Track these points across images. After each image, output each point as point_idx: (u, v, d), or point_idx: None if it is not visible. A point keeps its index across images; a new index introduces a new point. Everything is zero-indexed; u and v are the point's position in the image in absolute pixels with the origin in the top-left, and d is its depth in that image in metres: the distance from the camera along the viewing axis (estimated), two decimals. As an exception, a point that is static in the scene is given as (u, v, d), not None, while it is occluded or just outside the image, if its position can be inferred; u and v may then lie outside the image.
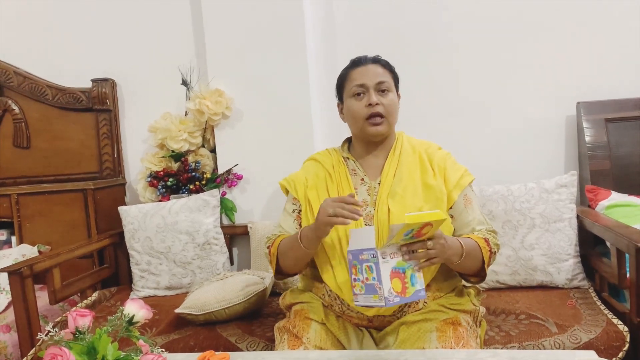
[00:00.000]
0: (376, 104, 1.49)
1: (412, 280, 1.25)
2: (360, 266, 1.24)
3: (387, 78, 1.52)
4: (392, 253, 1.23)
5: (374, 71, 1.52)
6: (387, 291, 1.20)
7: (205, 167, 2.52)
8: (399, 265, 1.23)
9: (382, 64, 1.55)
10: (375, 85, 1.50)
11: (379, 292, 1.20)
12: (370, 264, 1.21)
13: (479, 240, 1.43)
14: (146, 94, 2.63)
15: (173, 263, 2.29)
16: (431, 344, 1.34)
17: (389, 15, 2.49)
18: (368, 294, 1.23)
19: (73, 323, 1.03)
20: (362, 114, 1.51)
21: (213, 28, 2.41)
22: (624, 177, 2.23)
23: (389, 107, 1.51)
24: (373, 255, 1.20)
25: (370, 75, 1.51)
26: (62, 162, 2.66)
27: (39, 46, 2.74)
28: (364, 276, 1.24)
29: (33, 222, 2.51)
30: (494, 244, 1.46)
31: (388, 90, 1.52)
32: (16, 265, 1.96)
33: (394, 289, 1.21)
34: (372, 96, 1.49)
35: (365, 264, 1.23)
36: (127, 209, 2.36)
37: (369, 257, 1.22)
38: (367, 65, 1.53)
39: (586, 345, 1.57)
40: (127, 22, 2.66)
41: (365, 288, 1.24)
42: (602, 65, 2.34)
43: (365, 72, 1.52)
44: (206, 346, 1.76)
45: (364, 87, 1.51)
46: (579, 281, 1.99)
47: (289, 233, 1.58)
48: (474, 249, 1.40)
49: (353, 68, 1.55)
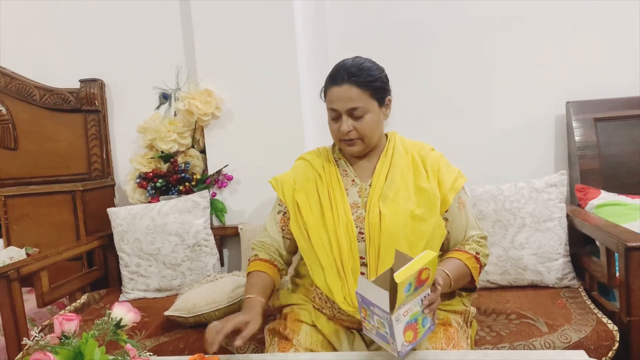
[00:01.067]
0: (347, 131, 1.46)
1: (422, 323, 1.23)
2: (370, 313, 1.19)
3: (361, 102, 1.43)
4: (406, 311, 1.18)
5: (348, 95, 1.43)
6: (400, 345, 1.17)
7: (195, 168, 2.51)
8: (411, 318, 1.20)
9: (358, 83, 1.43)
10: (347, 111, 1.45)
11: (392, 345, 1.18)
12: (383, 321, 1.17)
13: (468, 260, 1.43)
14: (135, 95, 2.61)
15: (163, 265, 2.27)
16: (422, 345, 1.34)
17: (380, 14, 2.49)
18: (380, 339, 1.21)
19: (59, 327, 1.02)
20: (336, 136, 1.51)
21: (202, 28, 2.39)
22: (613, 176, 2.25)
23: (363, 131, 1.46)
24: (387, 318, 1.15)
25: (342, 100, 1.44)
26: (50, 163, 2.64)
27: (26, 46, 2.71)
28: (374, 324, 1.20)
29: (21, 224, 2.49)
30: (484, 256, 1.47)
31: (363, 114, 1.45)
32: (3, 268, 1.93)
33: (406, 340, 1.19)
34: (343, 124, 1.45)
35: (376, 317, 1.18)
36: (116, 211, 2.34)
37: (381, 315, 1.16)
38: (341, 86, 1.43)
39: (576, 344, 1.57)
40: (116, 22, 2.64)
41: (377, 334, 1.21)
42: (592, 65, 2.36)
43: (338, 95, 1.44)
44: (196, 349, 1.74)
45: (336, 112, 1.47)
46: (569, 280, 2.00)
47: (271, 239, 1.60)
48: (462, 273, 1.41)
49: (330, 85, 1.47)
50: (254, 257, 1.59)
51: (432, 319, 1.26)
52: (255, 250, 1.61)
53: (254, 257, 1.59)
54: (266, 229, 1.63)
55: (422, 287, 1.21)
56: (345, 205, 1.47)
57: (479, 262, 1.44)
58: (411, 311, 1.19)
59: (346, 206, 1.47)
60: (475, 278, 1.44)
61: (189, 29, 2.48)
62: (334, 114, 1.48)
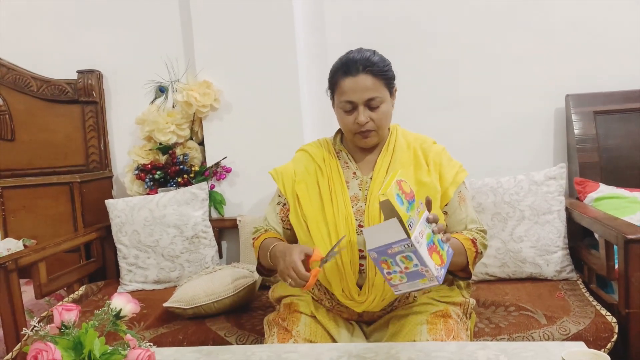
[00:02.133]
0: (365, 122, 1.44)
1: (440, 245, 1.22)
2: (393, 259, 1.15)
3: (377, 92, 1.43)
4: (420, 232, 1.16)
5: (364, 85, 1.42)
6: (434, 270, 1.15)
7: (194, 159, 2.50)
8: (428, 240, 1.18)
9: (373, 72, 1.42)
10: (365, 102, 1.43)
11: (427, 275, 1.15)
12: (407, 254, 1.13)
13: (465, 240, 1.41)
14: (133, 86, 2.58)
15: (161, 257, 2.27)
16: (422, 336, 1.34)
17: (379, 8, 2.47)
18: (412, 280, 1.17)
19: (59, 317, 1.01)
20: (351, 129, 1.47)
21: (201, 19, 2.37)
22: (612, 169, 2.25)
23: (379, 121, 1.45)
24: (408, 245, 1.12)
25: (359, 91, 1.42)
26: (48, 154, 2.63)
27: (23, 37, 2.69)
28: (401, 267, 1.16)
29: (18, 215, 2.48)
30: (481, 244, 1.45)
31: (379, 105, 1.44)
32: (1, 259, 1.92)
33: (437, 264, 1.17)
34: (360, 115, 1.43)
35: (399, 255, 1.14)
36: (114, 202, 2.34)
37: (402, 249, 1.13)
38: (357, 77, 1.42)
39: (575, 336, 1.58)
40: (114, 13, 2.62)
41: (407, 276, 1.17)
42: (591, 58, 2.35)
43: (354, 86, 1.42)
44: (195, 340, 1.75)
45: (352, 103, 1.44)
46: (568, 273, 2.00)
47: (272, 227, 1.59)
48: (458, 248, 1.39)
49: (343, 77, 1.44)
50: (263, 232, 1.58)
51: (448, 239, 1.24)
52: (259, 230, 1.60)
53: (264, 231, 1.58)
54: (266, 218, 1.63)
55: (416, 203, 1.20)
56: (346, 198, 1.47)
57: (476, 247, 1.42)
58: (424, 233, 1.17)
59: (346, 199, 1.47)
60: (470, 262, 1.41)
61: (188, 20, 2.46)
62: (349, 106, 1.45)
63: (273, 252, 1.42)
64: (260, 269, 1.59)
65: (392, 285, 1.20)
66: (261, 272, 1.60)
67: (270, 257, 1.43)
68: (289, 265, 1.27)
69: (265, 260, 1.48)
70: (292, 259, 1.27)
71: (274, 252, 1.41)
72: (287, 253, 1.30)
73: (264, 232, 1.57)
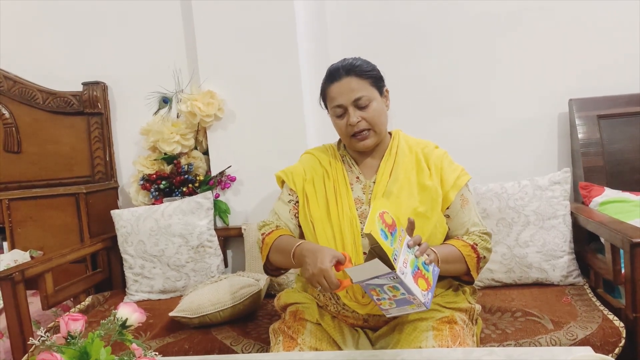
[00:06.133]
0: (357, 122, 1.46)
1: (425, 268, 1.24)
2: (381, 288, 1.20)
3: (364, 91, 1.46)
4: (404, 262, 1.19)
5: (349, 87, 1.46)
6: (421, 296, 1.18)
7: (198, 169, 2.51)
8: (412, 267, 1.20)
9: (356, 74, 1.47)
10: (352, 102, 1.46)
11: (415, 302, 1.18)
12: (394, 285, 1.17)
13: (463, 247, 1.41)
14: (137, 97, 2.60)
15: (167, 266, 2.27)
16: (427, 343, 1.33)
17: (381, 14, 2.48)
18: (401, 306, 1.21)
19: (65, 327, 1.01)
20: (346, 133, 1.50)
21: (204, 29, 2.39)
22: (617, 173, 2.24)
23: (372, 119, 1.47)
24: (394, 277, 1.15)
25: (345, 93, 1.46)
26: (54, 166, 2.64)
27: (29, 50, 2.72)
28: (389, 295, 1.20)
29: (25, 227, 2.49)
30: (484, 248, 1.45)
31: (368, 103, 1.47)
32: (8, 270, 1.94)
33: (422, 289, 1.19)
34: (351, 116, 1.46)
35: (386, 286, 1.19)
36: (120, 213, 2.35)
37: (388, 281, 1.17)
38: (341, 81, 1.47)
39: (582, 341, 1.57)
40: (118, 25, 2.65)
41: (396, 303, 1.21)
42: (594, 62, 2.35)
43: (340, 89, 1.47)
44: (201, 349, 1.75)
45: (342, 107, 1.48)
46: (574, 278, 2.00)
47: (284, 223, 1.55)
48: (453, 257, 1.39)
49: (329, 83, 1.50)
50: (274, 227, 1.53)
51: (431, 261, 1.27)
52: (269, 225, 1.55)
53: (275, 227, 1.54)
54: (276, 212, 1.59)
55: (397, 232, 1.22)
56: (350, 201, 1.48)
57: (477, 252, 1.42)
58: (408, 260, 1.20)
59: (351, 202, 1.48)
60: (472, 268, 1.41)
61: (191, 31, 2.48)
62: (339, 110, 1.49)
63: (299, 250, 1.36)
64: (267, 267, 1.56)
65: (383, 310, 1.24)
66: (268, 270, 1.57)
67: (295, 256, 1.37)
68: (320, 273, 1.24)
69: (281, 259, 1.44)
70: (325, 267, 1.24)
71: (300, 251, 1.35)
72: (319, 258, 1.26)
73: (276, 229, 1.52)
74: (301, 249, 1.36)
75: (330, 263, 1.24)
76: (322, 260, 1.25)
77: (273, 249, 1.48)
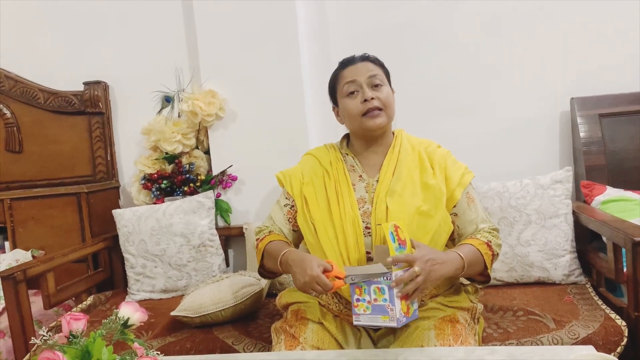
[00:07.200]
0: (372, 98, 1.48)
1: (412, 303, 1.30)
2: (367, 287, 1.25)
3: (378, 72, 1.52)
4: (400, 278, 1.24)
5: (364, 67, 1.52)
6: (398, 312, 1.22)
7: (200, 168, 2.51)
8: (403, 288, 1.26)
9: (371, 60, 1.55)
10: (367, 79, 1.50)
11: (390, 313, 1.22)
12: (382, 286, 1.22)
13: (480, 246, 1.42)
14: (138, 96, 2.61)
15: (168, 266, 2.27)
16: (429, 342, 1.33)
17: (380, 14, 2.48)
18: (375, 314, 1.25)
19: (67, 327, 1.02)
20: (358, 111, 1.50)
21: (205, 28, 2.39)
22: (619, 172, 2.23)
23: (385, 100, 1.50)
24: (387, 278, 1.22)
25: (360, 72, 1.51)
26: (55, 166, 2.65)
27: (30, 50, 2.72)
28: (371, 297, 1.25)
29: (26, 226, 2.49)
30: (496, 245, 1.46)
31: (381, 84, 1.51)
32: (10, 270, 1.94)
33: (402, 310, 1.24)
34: (366, 92, 1.48)
35: (374, 285, 1.24)
36: (121, 212, 2.35)
37: (379, 280, 1.23)
38: (356, 64, 1.53)
39: (584, 340, 1.56)
40: (119, 25, 2.65)
41: (372, 308, 1.25)
42: (596, 61, 2.34)
43: (355, 69, 1.52)
44: (202, 348, 1.75)
45: (356, 83, 1.50)
46: (576, 277, 1.99)
47: (278, 228, 1.59)
48: (475, 257, 1.40)
49: (343, 68, 1.56)
50: (267, 233, 1.58)
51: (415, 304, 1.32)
52: (263, 231, 1.60)
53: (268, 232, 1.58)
54: (271, 217, 1.63)
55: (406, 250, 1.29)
56: (352, 201, 1.48)
57: (492, 249, 1.43)
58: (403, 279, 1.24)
59: (353, 201, 1.48)
60: (488, 265, 1.42)
61: (192, 30, 2.48)
62: (352, 86, 1.51)
63: (285, 260, 1.42)
64: (262, 271, 1.60)
65: (355, 314, 1.29)
66: (263, 274, 1.61)
67: (282, 264, 1.43)
68: (312, 280, 1.28)
69: (272, 264, 1.49)
70: (316, 273, 1.28)
71: (286, 260, 1.41)
72: (308, 266, 1.30)
73: (268, 234, 1.57)
74: (287, 258, 1.41)
75: (319, 268, 1.29)
76: (311, 267, 1.29)
77: (265, 254, 1.53)
